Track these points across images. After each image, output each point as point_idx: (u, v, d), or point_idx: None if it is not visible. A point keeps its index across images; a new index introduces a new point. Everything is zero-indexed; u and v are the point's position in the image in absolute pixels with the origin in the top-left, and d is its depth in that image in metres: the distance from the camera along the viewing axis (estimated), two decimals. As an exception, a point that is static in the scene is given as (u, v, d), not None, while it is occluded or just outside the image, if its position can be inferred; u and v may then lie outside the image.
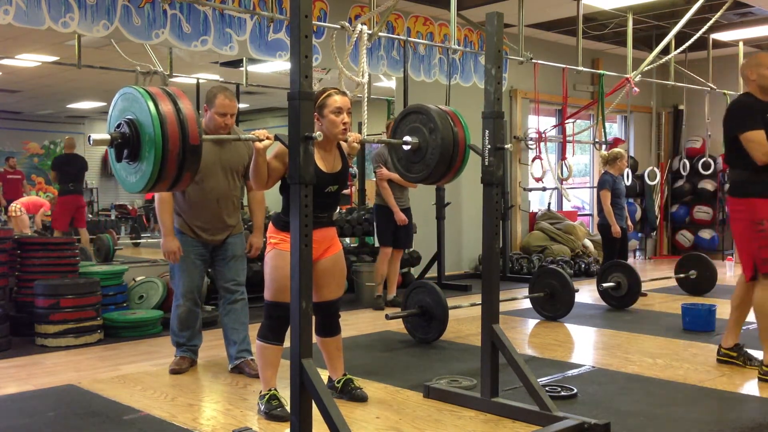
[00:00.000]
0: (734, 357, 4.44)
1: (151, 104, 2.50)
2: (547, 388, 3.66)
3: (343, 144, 3.46)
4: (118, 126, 2.59)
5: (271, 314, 3.38)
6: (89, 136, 2.64)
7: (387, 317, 5.07)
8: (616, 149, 7.36)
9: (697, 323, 5.48)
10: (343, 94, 3.35)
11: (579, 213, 11.07)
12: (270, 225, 3.47)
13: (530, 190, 9.95)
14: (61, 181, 8.87)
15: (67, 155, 9.42)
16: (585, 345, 5.31)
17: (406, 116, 3.60)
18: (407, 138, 3.53)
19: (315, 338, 3.59)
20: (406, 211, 6.48)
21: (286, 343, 3.16)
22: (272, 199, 4.92)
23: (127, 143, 2.56)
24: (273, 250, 3.38)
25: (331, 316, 3.59)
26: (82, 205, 8.91)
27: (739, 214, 4.15)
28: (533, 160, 8.88)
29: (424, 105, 3.55)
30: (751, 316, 6.21)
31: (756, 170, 4.02)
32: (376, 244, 6.85)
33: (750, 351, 4.48)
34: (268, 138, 2.97)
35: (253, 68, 8.40)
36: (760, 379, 4.12)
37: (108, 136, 2.57)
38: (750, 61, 4.23)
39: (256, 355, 3.49)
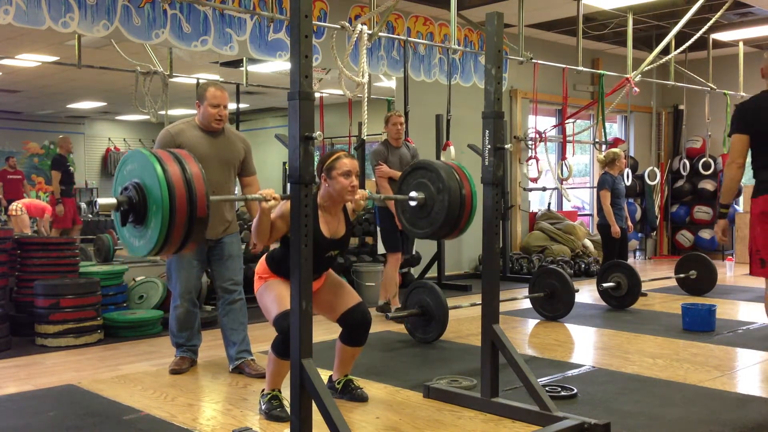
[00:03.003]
0: None
1: (159, 169, 2.48)
2: (547, 388, 3.66)
3: (349, 204, 3.46)
4: (125, 189, 2.57)
5: (280, 326, 3.21)
6: (95, 201, 2.59)
7: (387, 317, 5.07)
8: (612, 150, 7.35)
9: (697, 323, 5.48)
10: (352, 157, 3.35)
11: (579, 213, 11.07)
12: (262, 262, 3.44)
13: (530, 190, 9.95)
14: (66, 183, 8.90)
15: (64, 156, 9.37)
16: (585, 345, 5.31)
17: (414, 171, 3.62)
18: (413, 194, 3.54)
19: (338, 344, 3.59)
20: None
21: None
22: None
23: (133, 209, 2.55)
24: (264, 283, 3.39)
25: (362, 324, 3.47)
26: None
27: None
28: (528, 160, 8.88)
29: (433, 162, 3.56)
30: (749, 316, 6.21)
31: None
32: (381, 251, 6.28)
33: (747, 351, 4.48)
34: (274, 198, 2.95)
35: (253, 68, 8.40)
36: None
37: (114, 201, 2.56)
38: None
39: (267, 361, 3.41)
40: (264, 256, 3.47)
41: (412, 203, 3.54)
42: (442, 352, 4.85)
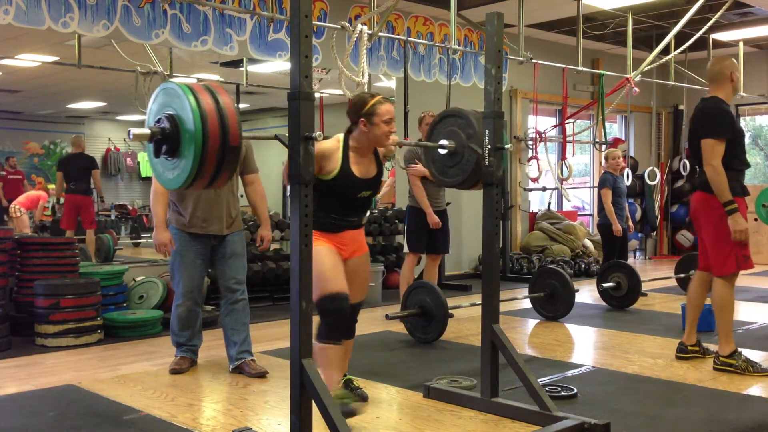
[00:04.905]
0: (697, 352, 4.62)
1: (192, 100, 2.46)
2: (547, 388, 3.66)
3: (380, 148, 3.44)
4: (158, 121, 2.55)
5: (324, 309, 3.21)
6: (129, 131, 2.58)
7: (387, 317, 5.07)
8: (610, 149, 7.36)
9: (697, 323, 5.46)
10: (389, 102, 3.33)
11: (579, 213, 11.07)
12: None
13: (530, 190, 9.95)
14: (65, 181, 8.84)
15: (69, 155, 9.31)
16: (585, 345, 5.31)
17: (444, 119, 3.57)
18: (444, 141, 3.49)
19: None
20: (442, 213, 5.99)
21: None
22: (272, 199, 4.94)
23: (167, 139, 2.52)
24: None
25: (351, 318, 3.51)
26: (83, 205, 8.78)
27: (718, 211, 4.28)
28: (529, 160, 8.88)
29: (463, 109, 3.51)
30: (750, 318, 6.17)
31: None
32: (405, 250, 6.18)
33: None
34: None
35: (253, 68, 8.40)
36: (715, 369, 4.31)
37: (148, 131, 2.53)
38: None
39: (316, 359, 2.94)
40: None
41: (443, 151, 3.50)
42: (442, 352, 4.84)
